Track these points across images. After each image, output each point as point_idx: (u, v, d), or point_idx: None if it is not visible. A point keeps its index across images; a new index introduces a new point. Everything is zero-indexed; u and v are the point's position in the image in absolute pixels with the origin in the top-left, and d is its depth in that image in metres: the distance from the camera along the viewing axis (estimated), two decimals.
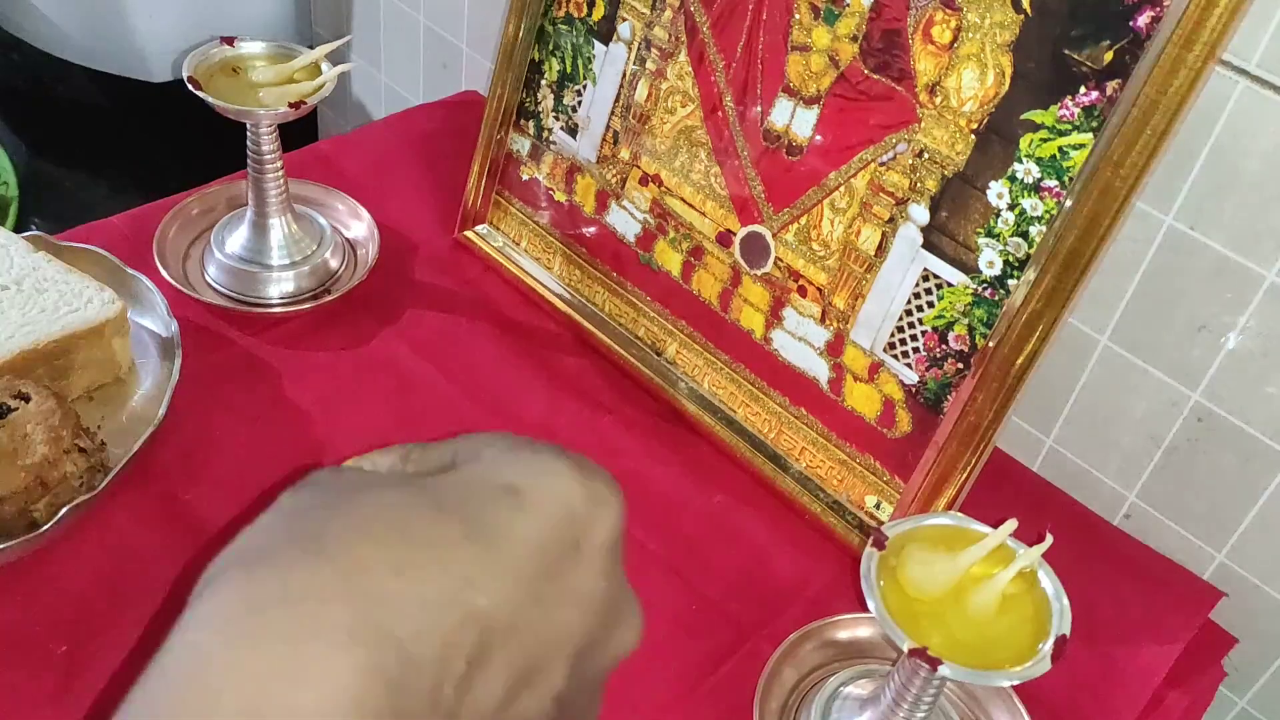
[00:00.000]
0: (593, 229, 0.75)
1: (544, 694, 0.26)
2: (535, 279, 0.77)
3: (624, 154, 0.72)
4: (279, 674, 0.21)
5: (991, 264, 0.56)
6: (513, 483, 0.27)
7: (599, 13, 0.71)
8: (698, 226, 0.68)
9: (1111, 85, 0.51)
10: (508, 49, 0.75)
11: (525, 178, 0.78)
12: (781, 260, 0.65)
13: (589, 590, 0.27)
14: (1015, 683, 0.45)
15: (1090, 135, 0.52)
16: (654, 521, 0.64)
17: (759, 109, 0.64)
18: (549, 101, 0.76)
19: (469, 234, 0.81)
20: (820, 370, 0.64)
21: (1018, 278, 0.55)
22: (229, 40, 0.71)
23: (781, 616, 0.60)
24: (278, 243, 0.74)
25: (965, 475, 0.58)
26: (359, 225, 0.80)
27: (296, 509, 0.26)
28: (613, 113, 0.72)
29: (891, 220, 0.60)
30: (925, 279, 0.59)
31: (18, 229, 0.88)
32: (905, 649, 0.45)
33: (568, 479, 0.27)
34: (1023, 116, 0.54)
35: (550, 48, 0.74)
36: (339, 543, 0.24)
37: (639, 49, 0.69)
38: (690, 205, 0.69)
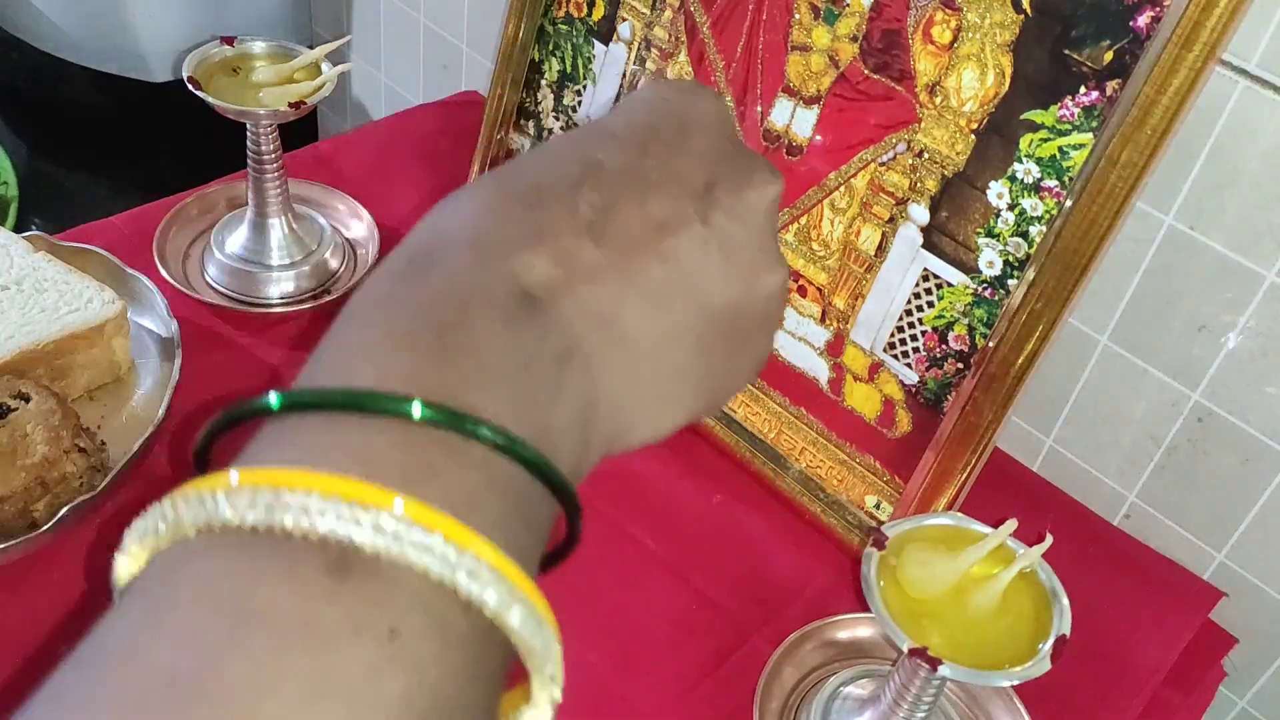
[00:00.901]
0: None
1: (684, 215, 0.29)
2: None
3: None
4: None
5: (991, 264, 0.56)
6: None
7: (599, 13, 0.71)
8: None
9: (1111, 85, 0.51)
10: (508, 49, 0.75)
11: None
12: None
13: (699, 148, 0.30)
14: (1015, 683, 0.45)
15: (1090, 135, 0.52)
16: (654, 521, 0.64)
17: (759, 109, 0.64)
18: (549, 101, 0.76)
19: None
20: (820, 370, 0.64)
21: (1018, 278, 0.55)
22: (229, 40, 0.71)
23: (781, 616, 0.60)
24: (278, 243, 0.74)
25: (965, 475, 0.58)
26: (359, 225, 0.80)
27: None
28: None
29: (891, 220, 0.60)
30: (925, 279, 0.59)
31: (18, 229, 0.88)
32: (905, 649, 0.45)
33: (656, 84, 0.32)
34: (1023, 116, 0.54)
35: (550, 48, 0.74)
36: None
37: (639, 49, 0.69)
38: None
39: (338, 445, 0.21)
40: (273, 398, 0.22)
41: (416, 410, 0.22)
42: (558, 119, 0.75)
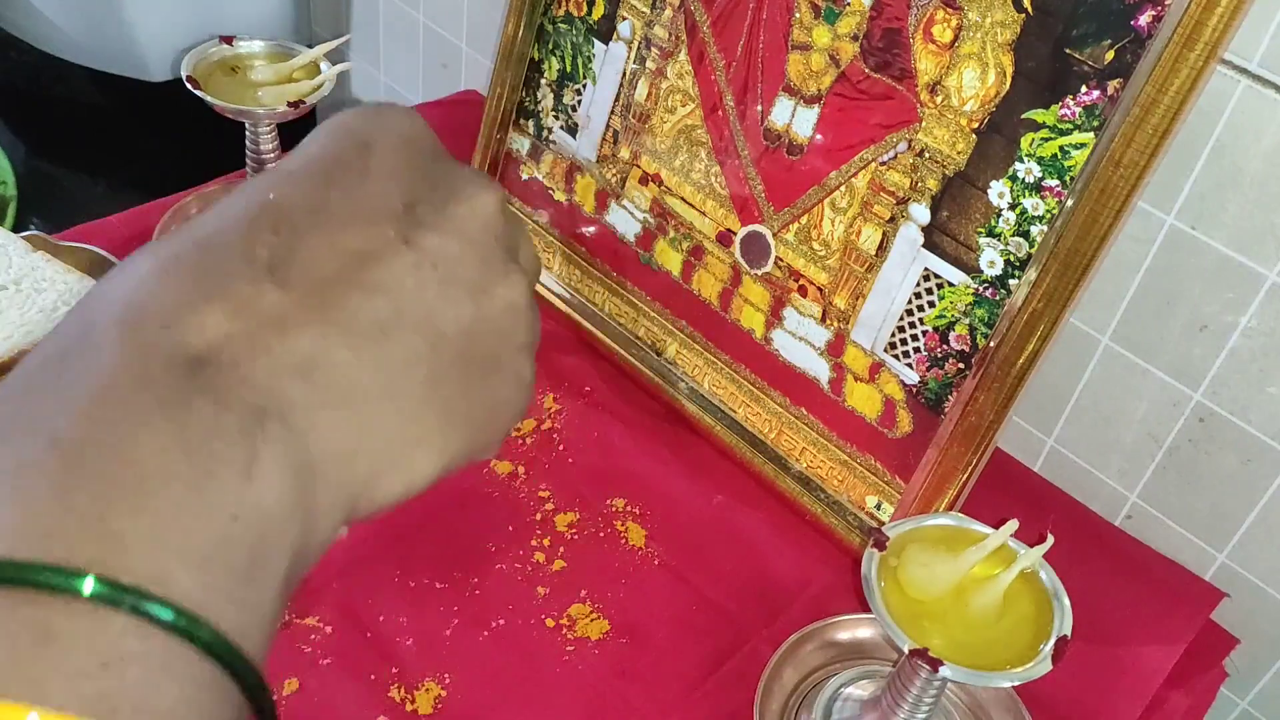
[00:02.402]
0: (592, 228, 0.75)
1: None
2: None
3: (624, 153, 0.71)
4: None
5: (993, 263, 0.56)
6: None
7: (599, 11, 0.71)
8: (698, 226, 0.68)
9: (1113, 84, 0.51)
10: (507, 48, 0.75)
11: (525, 177, 0.78)
12: (782, 260, 0.65)
13: (390, 168, 0.27)
14: (1016, 684, 0.45)
15: (1091, 134, 0.52)
16: (654, 521, 0.64)
17: (759, 108, 0.64)
18: (549, 101, 0.75)
19: None
20: (821, 370, 0.64)
21: (1019, 277, 0.55)
22: (228, 39, 0.71)
23: (782, 617, 0.59)
24: None
25: (966, 476, 0.58)
26: None
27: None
28: (613, 112, 0.72)
29: (892, 220, 0.59)
30: (926, 279, 0.59)
31: (16, 229, 0.88)
32: (906, 650, 0.45)
33: (339, 114, 0.29)
34: (1024, 115, 0.54)
35: (550, 47, 0.74)
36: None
37: (639, 48, 0.69)
38: (690, 205, 0.68)
39: None
40: None
41: (15, 571, 0.19)
42: (557, 118, 0.75)
